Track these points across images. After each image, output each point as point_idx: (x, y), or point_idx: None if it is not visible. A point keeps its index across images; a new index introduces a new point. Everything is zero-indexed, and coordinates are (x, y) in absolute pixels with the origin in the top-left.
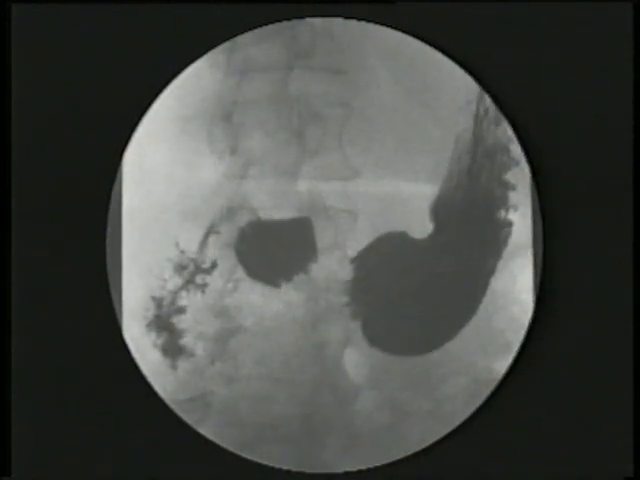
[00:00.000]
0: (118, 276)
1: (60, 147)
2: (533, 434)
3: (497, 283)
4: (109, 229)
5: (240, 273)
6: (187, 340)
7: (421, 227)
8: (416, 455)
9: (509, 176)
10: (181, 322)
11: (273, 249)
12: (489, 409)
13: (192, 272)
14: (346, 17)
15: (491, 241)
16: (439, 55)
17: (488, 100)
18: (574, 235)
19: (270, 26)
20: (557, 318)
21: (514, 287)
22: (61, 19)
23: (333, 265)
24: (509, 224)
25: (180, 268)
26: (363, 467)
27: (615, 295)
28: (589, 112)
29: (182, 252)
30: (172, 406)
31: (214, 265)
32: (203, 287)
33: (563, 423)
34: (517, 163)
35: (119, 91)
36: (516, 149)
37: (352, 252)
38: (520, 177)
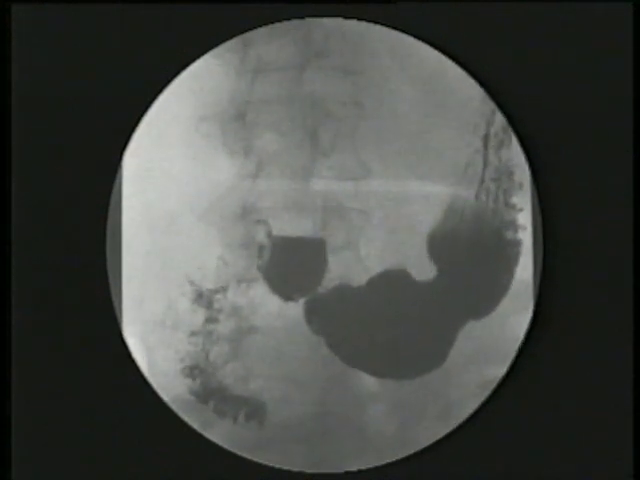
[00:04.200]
0: (118, 276)
1: (60, 147)
2: (534, 435)
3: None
4: (109, 229)
5: (254, 273)
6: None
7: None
8: (416, 455)
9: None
10: (198, 324)
11: (288, 255)
12: (489, 410)
13: (197, 270)
14: (346, 17)
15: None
16: (444, 57)
17: (493, 104)
18: (574, 239)
19: (283, 26)
20: (556, 321)
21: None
22: (61, 19)
23: (346, 265)
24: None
25: (182, 267)
26: (372, 466)
27: (615, 305)
28: (589, 112)
29: (187, 251)
30: (175, 409)
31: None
32: (215, 291)
33: (563, 424)
34: (520, 165)
35: (121, 91)
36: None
37: (365, 251)
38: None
